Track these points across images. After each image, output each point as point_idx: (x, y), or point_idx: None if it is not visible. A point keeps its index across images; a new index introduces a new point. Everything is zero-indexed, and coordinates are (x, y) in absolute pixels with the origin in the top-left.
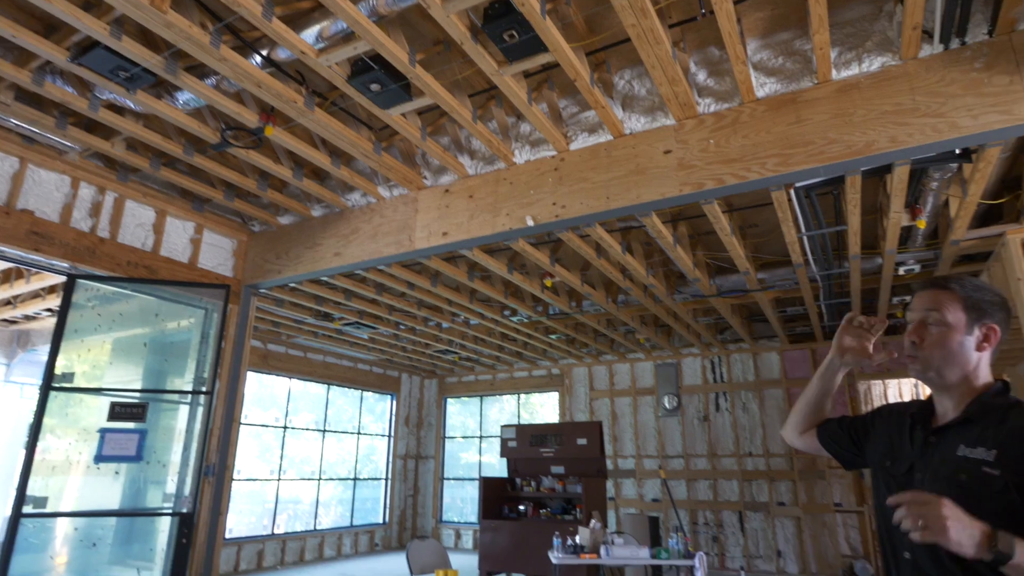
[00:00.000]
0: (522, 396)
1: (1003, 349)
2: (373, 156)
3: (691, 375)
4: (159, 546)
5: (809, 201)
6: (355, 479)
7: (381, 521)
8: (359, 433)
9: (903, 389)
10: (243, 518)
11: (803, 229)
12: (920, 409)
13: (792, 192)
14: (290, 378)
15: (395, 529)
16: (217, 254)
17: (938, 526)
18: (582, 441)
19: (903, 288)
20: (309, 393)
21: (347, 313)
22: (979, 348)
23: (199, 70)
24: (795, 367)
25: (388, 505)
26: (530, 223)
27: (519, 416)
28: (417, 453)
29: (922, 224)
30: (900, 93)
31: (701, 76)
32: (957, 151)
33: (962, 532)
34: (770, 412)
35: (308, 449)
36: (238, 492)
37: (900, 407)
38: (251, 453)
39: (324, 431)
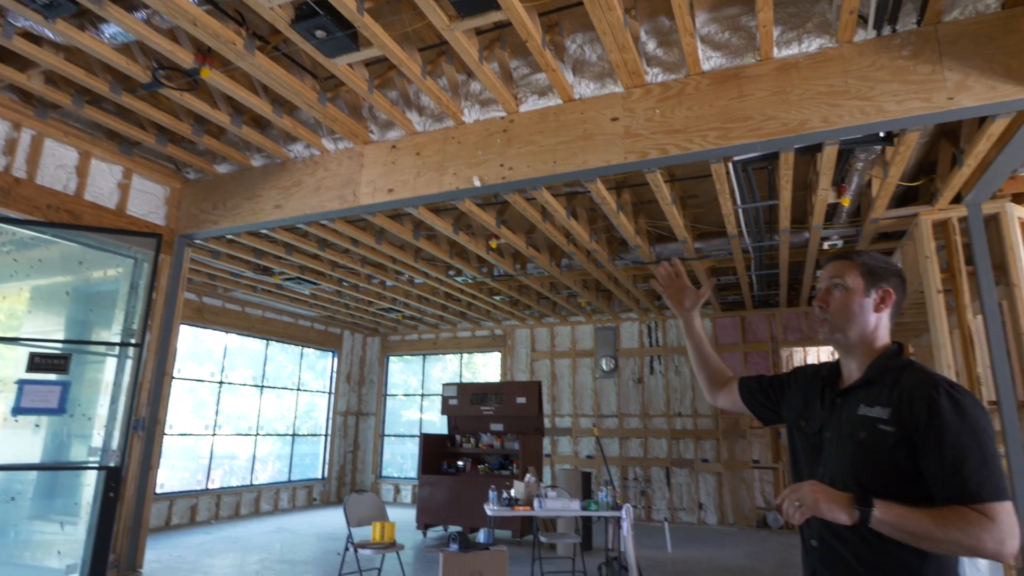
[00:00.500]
0: (465, 356)
1: (909, 322)
2: (317, 107)
3: (628, 339)
4: (84, 500)
5: (746, 175)
6: (294, 435)
7: (320, 476)
8: (299, 389)
9: (821, 356)
10: (176, 473)
11: (739, 202)
12: (830, 372)
13: (730, 165)
14: (227, 333)
15: (334, 484)
16: (148, 201)
17: (810, 502)
18: (521, 400)
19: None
20: (247, 349)
21: (288, 268)
22: (877, 309)
23: (128, 1)
24: (726, 334)
25: (327, 461)
26: (477, 184)
27: (461, 375)
28: (358, 410)
29: (846, 202)
30: (834, 75)
31: (651, 46)
32: (881, 134)
33: (831, 503)
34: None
35: (245, 405)
36: (171, 447)
37: (814, 369)
38: (185, 408)
39: (262, 387)
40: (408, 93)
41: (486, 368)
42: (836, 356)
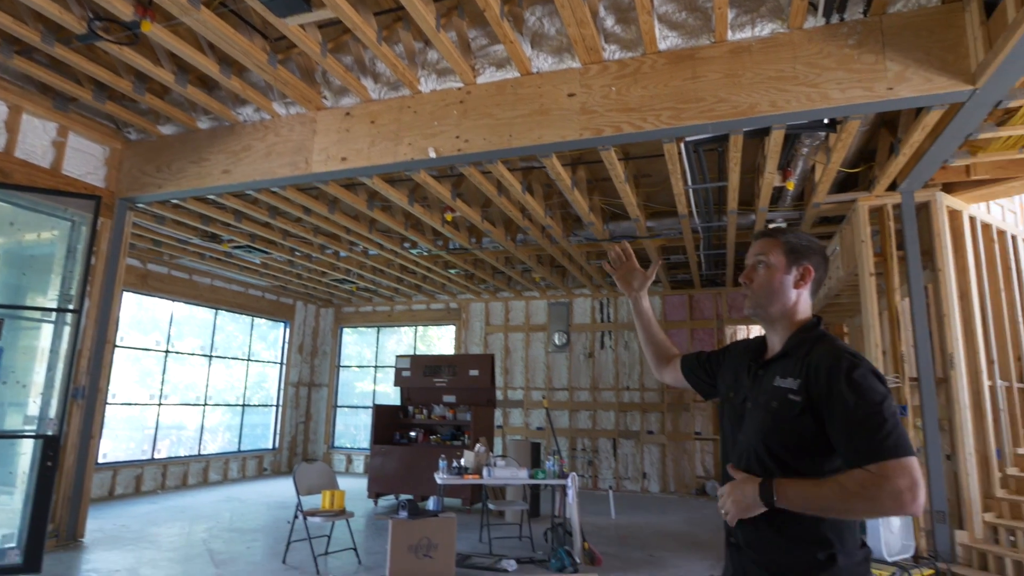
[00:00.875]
0: (420, 329)
1: (845, 303)
2: (268, 68)
3: (581, 314)
4: (20, 469)
5: (697, 156)
6: (244, 405)
7: (271, 447)
8: (249, 360)
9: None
10: (121, 443)
11: (689, 182)
12: (757, 345)
13: (682, 146)
14: (173, 301)
15: (285, 454)
16: (86, 161)
17: (732, 510)
18: (474, 372)
19: None
20: (195, 318)
21: (237, 235)
22: (797, 286)
23: None
24: (674, 311)
25: (278, 431)
26: (432, 155)
27: (416, 348)
28: (310, 381)
29: (791, 186)
30: (784, 61)
31: (609, 22)
32: (825, 121)
33: (745, 508)
34: None
35: (194, 375)
36: (115, 417)
37: (745, 344)
38: (130, 377)
39: (211, 356)
40: (363, 59)
41: (441, 341)
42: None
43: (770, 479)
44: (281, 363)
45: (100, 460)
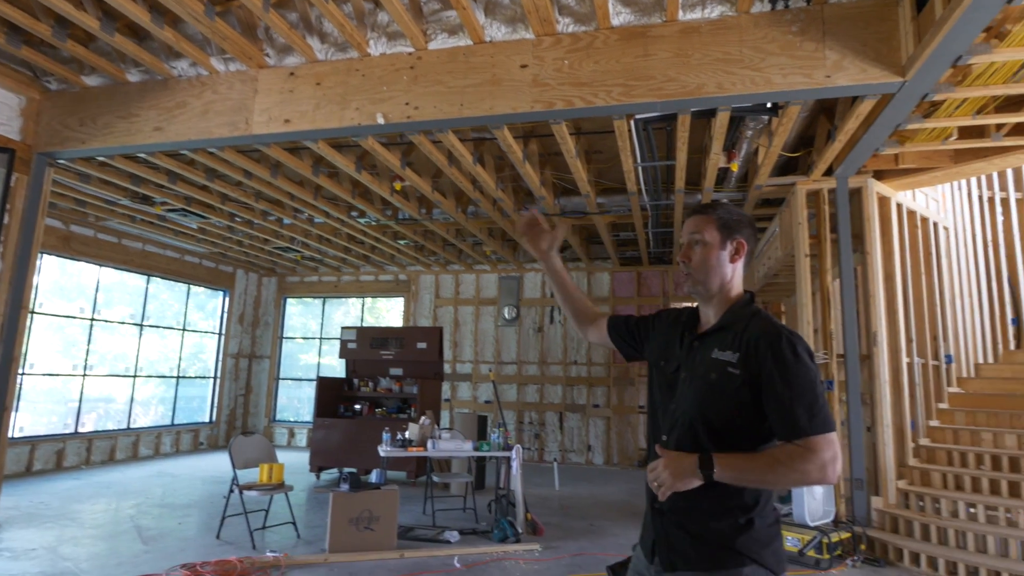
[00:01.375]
0: (368, 300)
1: (782, 283)
2: (204, 20)
3: (531, 289)
4: None
5: (646, 134)
6: (179, 377)
7: (208, 420)
8: (185, 330)
9: None
10: (41, 417)
11: (639, 160)
12: (689, 317)
13: (632, 123)
14: (100, 266)
15: (223, 428)
16: None
17: (667, 482)
18: (422, 345)
19: None
20: (126, 284)
21: (171, 198)
22: (732, 260)
23: None
24: (623, 287)
25: (216, 404)
26: (381, 121)
27: (363, 320)
28: (251, 352)
29: (735, 167)
30: (731, 43)
31: None
32: (769, 105)
33: (682, 478)
34: None
35: (124, 345)
36: (35, 388)
37: (676, 313)
38: (52, 347)
39: (142, 325)
40: (309, 17)
41: (390, 314)
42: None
43: (709, 453)
44: (220, 333)
45: (16, 434)
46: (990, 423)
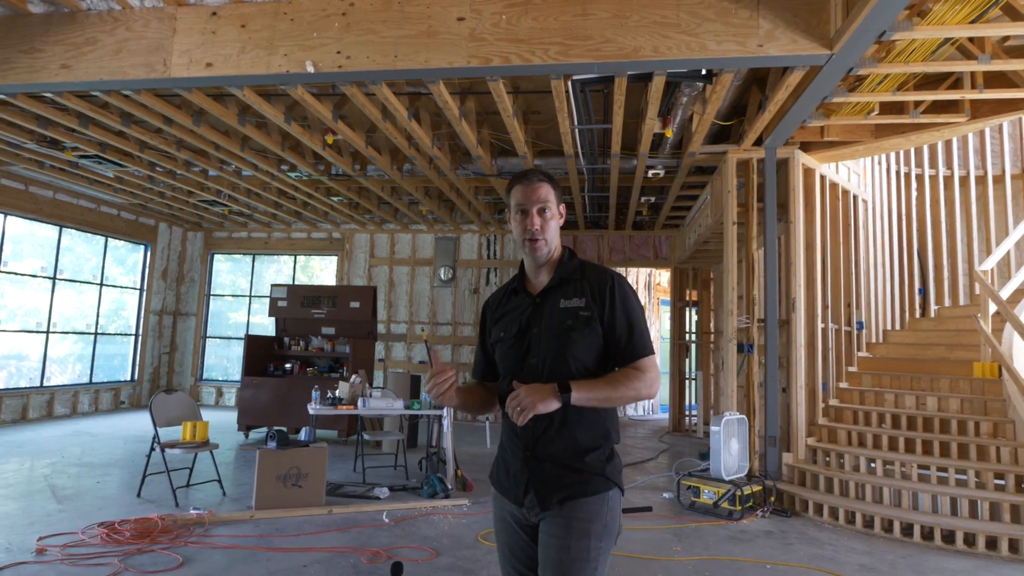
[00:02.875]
0: (301, 258)
1: (712, 250)
2: None
3: (468, 250)
4: None
5: (583, 96)
6: (97, 334)
7: (129, 379)
8: (103, 284)
9: (640, 275)
10: None
11: (576, 122)
12: (508, 289)
13: (569, 84)
14: (5, 215)
15: (146, 387)
16: None
17: (528, 404)
18: (355, 304)
19: (651, 189)
20: (36, 235)
21: (84, 144)
22: (560, 224)
23: None
24: None
25: (138, 362)
26: (310, 69)
27: (295, 278)
28: (176, 309)
29: (669, 133)
30: (669, 7)
31: None
32: (703, 71)
33: (543, 400)
34: None
35: (35, 299)
36: None
37: (496, 296)
38: None
39: (55, 279)
40: None
41: (324, 272)
42: (520, 267)
43: (566, 379)
44: (141, 289)
45: None
46: (893, 385)
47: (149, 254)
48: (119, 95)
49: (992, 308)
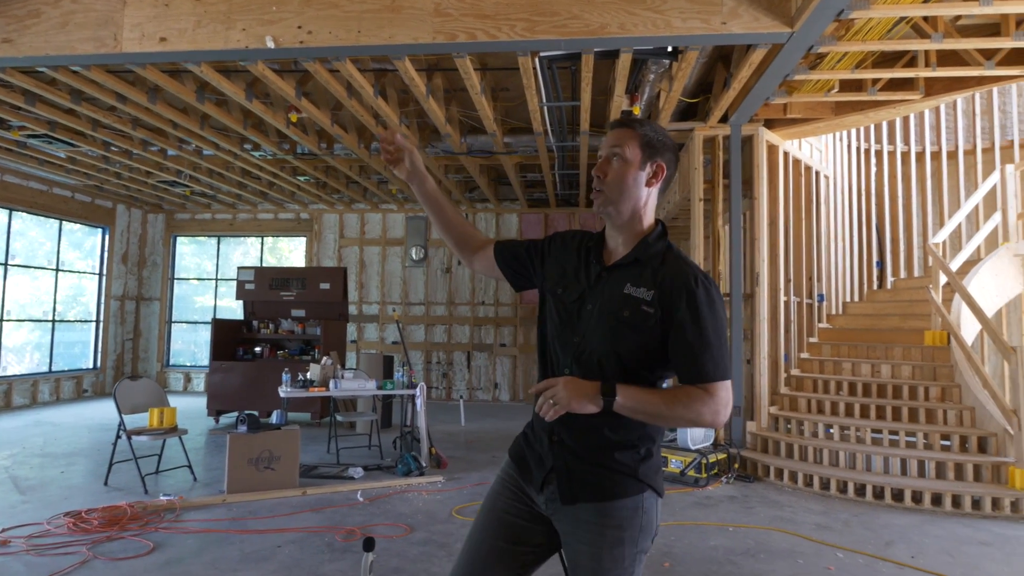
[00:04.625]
0: (268, 240)
1: (681, 225)
2: None
3: None
4: None
5: (551, 73)
6: (55, 321)
7: (91, 366)
8: (59, 270)
9: None
10: None
11: (544, 99)
12: (593, 243)
13: (537, 61)
14: None
15: (109, 374)
16: None
17: (564, 401)
18: (325, 286)
19: None
20: None
21: (31, 122)
22: (648, 184)
23: None
24: (531, 229)
25: (100, 349)
26: (271, 45)
27: (263, 260)
28: (138, 294)
29: (637, 110)
30: None
31: None
32: (669, 49)
33: (581, 399)
34: None
35: None
36: None
37: (573, 236)
38: None
39: (6, 265)
40: None
41: (293, 254)
42: (601, 228)
43: (612, 382)
44: (100, 274)
45: None
46: (851, 354)
47: (107, 237)
48: (67, 71)
49: (943, 279)
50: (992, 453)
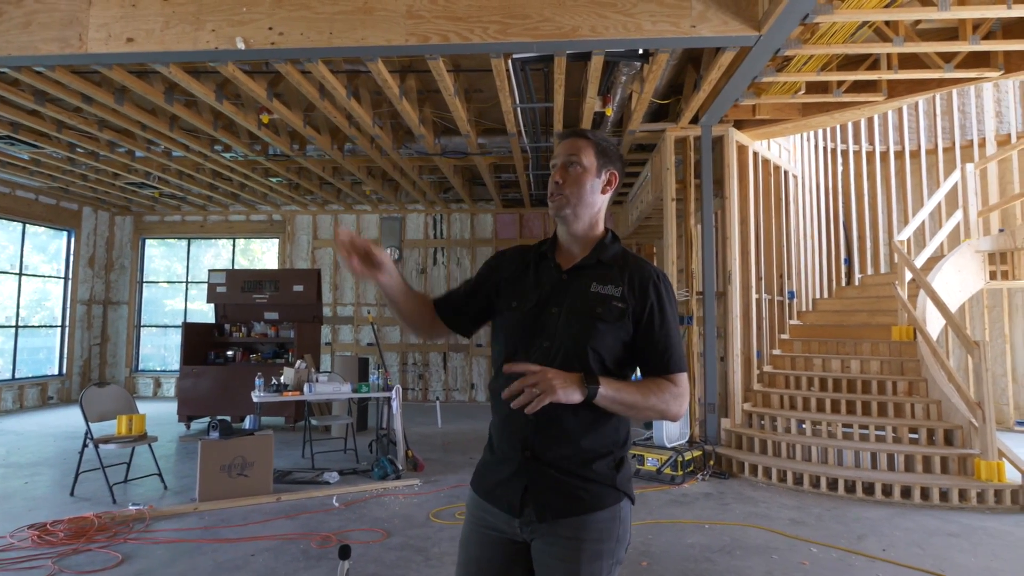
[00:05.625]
0: (240, 242)
1: (655, 225)
2: None
3: (414, 230)
4: None
5: (524, 75)
6: (18, 326)
7: (57, 372)
8: (22, 274)
9: None
10: None
11: (517, 100)
12: (546, 250)
13: (510, 63)
14: None
15: (76, 381)
16: None
17: (550, 387)
18: (299, 288)
19: None
20: None
21: None
22: (603, 191)
23: None
24: (505, 229)
25: (66, 355)
26: (241, 46)
27: (235, 262)
28: (106, 298)
29: (609, 112)
30: None
31: None
32: (640, 51)
33: (567, 387)
34: (480, 267)
35: None
36: None
37: (517, 251)
38: None
39: None
40: None
41: (266, 256)
42: (554, 234)
43: (594, 372)
44: (66, 278)
45: None
46: (821, 350)
47: (73, 240)
48: (31, 71)
49: (908, 276)
50: (958, 445)
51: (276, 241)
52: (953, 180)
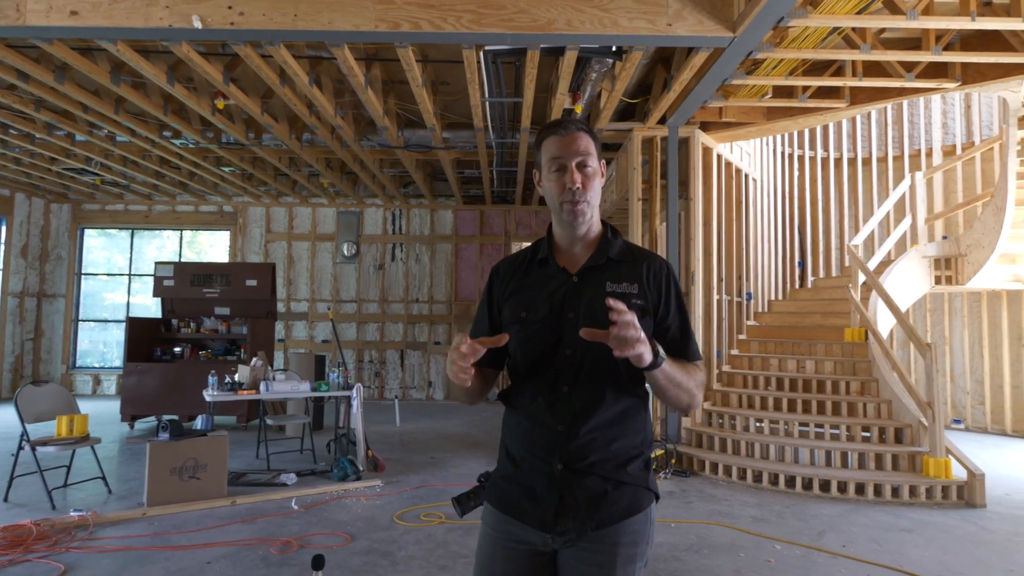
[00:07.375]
0: (187, 233)
1: (618, 224)
2: None
3: (372, 225)
4: None
5: (495, 68)
6: None
7: None
8: None
9: None
10: None
11: (486, 94)
12: (543, 255)
13: (481, 55)
14: None
15: (7, 378)
16: None
17: (636, 337)
18: (252, 283)
19: None
20: None
21: None
22: (602, 185)
23: None
24: (465, 226)
25: None
26: (198, 25)
27: (181, 255)
28: (40, 291)
29: (579, 109)
30: None
31: None
32: (614, 48)
33: (645, 345)
34: (439, 264)
35: None
36: None
37: (509, 263)
38: None
39: None
40: None
41: (214, 248)
42: (547, 237)
43: (614, 374)
44: None
45: None
46: (777, 351)
47: (4, 229)
48: None
49: (861, 278)
50: (908, 443)
51: (227, 233)
52: (902, 188)
